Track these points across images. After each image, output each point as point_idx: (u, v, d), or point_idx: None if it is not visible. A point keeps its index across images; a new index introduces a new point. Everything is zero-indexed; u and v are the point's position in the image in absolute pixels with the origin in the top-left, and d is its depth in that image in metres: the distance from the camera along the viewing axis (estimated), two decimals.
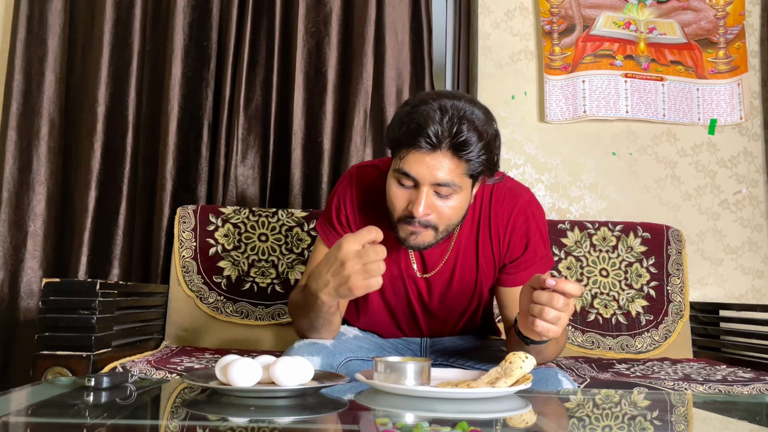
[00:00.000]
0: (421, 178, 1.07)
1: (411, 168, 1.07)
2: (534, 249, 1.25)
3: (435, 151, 1.05)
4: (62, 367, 1.38)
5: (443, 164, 1.06)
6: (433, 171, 1.06)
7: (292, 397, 0.94)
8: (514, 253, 1.25)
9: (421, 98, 1.09)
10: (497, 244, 1.25)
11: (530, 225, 1.25)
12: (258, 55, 2.17)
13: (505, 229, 1.24)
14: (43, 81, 2.12)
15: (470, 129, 1.04)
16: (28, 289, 2.06)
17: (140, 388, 1.05)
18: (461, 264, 1.27)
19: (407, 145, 1.07)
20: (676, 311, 2.02)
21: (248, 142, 2.15)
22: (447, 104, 1.05)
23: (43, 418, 0.88)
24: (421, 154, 1.06)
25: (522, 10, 2.35)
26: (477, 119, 1.06)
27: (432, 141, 1.04)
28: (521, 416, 0.93)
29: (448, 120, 1.04)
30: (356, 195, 1.28)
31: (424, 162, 1.06)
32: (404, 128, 1.06)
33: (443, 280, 1.28)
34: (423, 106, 1.06)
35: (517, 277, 1.26)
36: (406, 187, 1.11)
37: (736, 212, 2.31)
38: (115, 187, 2.10)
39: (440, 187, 1.08)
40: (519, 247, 1.25)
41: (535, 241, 1.25)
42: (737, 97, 2.32)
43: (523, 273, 1.25)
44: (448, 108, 1.05)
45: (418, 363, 0.98)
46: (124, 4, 2.15)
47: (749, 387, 1.47)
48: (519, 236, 1.24)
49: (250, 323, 1.92)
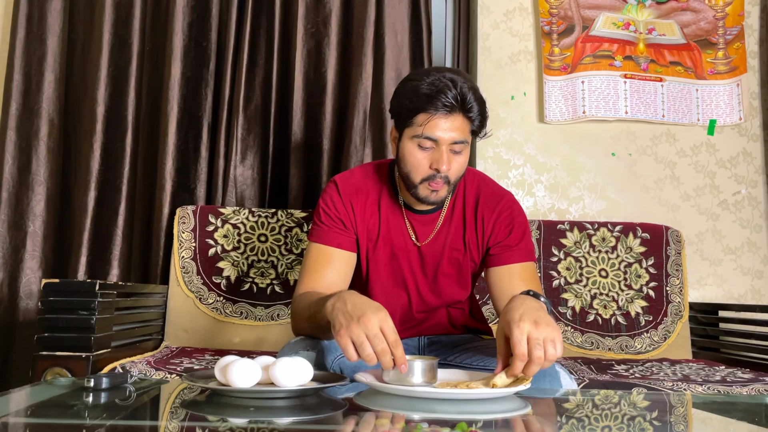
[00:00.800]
0: (442, 139, 1.23)
1: (432, 132, 1.22)
2: (517, 236, 1.35)
3: (451, 114, 1.22)
4: (61, 368, 1.38)
5: (458, 124, 1.23)
6: (451, 131, 1.23)
7: (291, 397, 0.94)
8: (498, 237, 1.36)
9: (421, 72, 1.26)
10: (481, 228, 1.37)
11: (514, 217, 1.37)
12: (257, 56, 2.17)
13: (491, 216, 1.36)
14: (42, 81, 2.12)
15: (473, 95, 1.23)
16: (28, 289, 2.06)
17: (139, 388, 1.05)
18: (451, 240, 1.37)
19: (426, 111, 1.22)
20: (675, 312, 2.02)
21: (248, 143, 2.15)
22: (448, 75, 1.23)
23: (43, 418, 0.88)
24: (440, 118, 1.22)
25: (521, 10, 2.35)
26: (475, 87, 1.25)
27: (451, 104, 1.21)
28: (520, 417, 0.93)
29: (459, 88, 1.21)
30: (344, 193, 1.37)
31: (443, 124, 1.22)
32: (423, 97, 1.21)
33: (435, 251, 1.37)
34: (428, 78, 1.22)
35: (503, 257, 1.35)
36: (427, 150, 1.25)
37: (735, 213, 2.31)
38: (115, 188, 2.10)
39: (455, 145, 1.24)
40: (503, 233, 1.36)
41: (518, 231, 1.36)
42: (736, 98, 2.32)
43: (508, 253, 1.34)
44: (453, 77, 1.22)
45: (426, 361, 1.01)
46: (124, 5, 2.15)
47: (748, 387, 1.47)
48: (503, 224, 1.36)
49: (249, 323, 1.92)
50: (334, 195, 1.37)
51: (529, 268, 1.35)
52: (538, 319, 0.99)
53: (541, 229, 2.08)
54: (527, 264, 1.35)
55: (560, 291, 2.02)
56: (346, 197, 1.36)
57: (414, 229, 1.37)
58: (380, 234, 1.37)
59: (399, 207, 1.38)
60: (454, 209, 1.38)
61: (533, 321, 0.98)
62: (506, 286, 1.32)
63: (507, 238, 1.35)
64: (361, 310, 1.01)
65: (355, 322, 1.00)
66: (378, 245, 1.37)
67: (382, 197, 1.38)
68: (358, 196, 1.37)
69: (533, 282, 1.33)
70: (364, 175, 1.41)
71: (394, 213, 1.37)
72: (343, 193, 1.37)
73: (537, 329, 0.98)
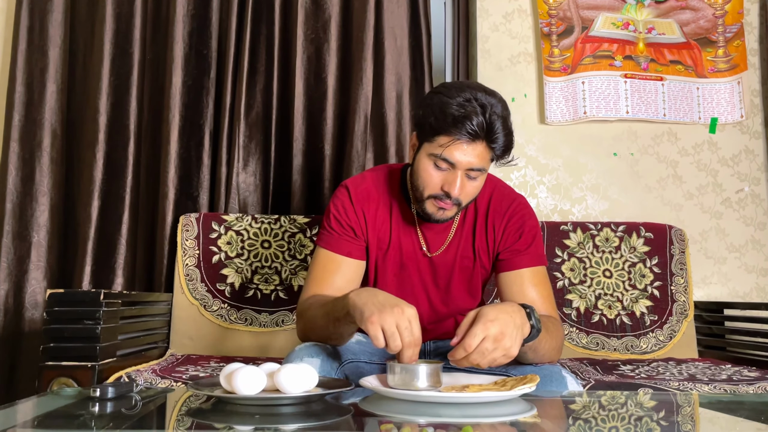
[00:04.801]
0: (459, 164, 1.20)
1: (452, 155, 1.19)
2: (527, 240, 1.33)
3: (474, 142, 1.18)
4: (67, 378, 1.38)
5: (479, 152, 1.19)
6: (470, 159, 1.19)
7: (296, 404, 0.94)
8: (507, 242, 1.34)
9: (454, 88, 1.21)
10: (492, 234, 1.35)
11: (525, 221, 1.35)
12: (258, 63, 2.18)
13: (501, 221, 1.35)
14: (44, 92, 2.13)
15: (501, 124, 1.19)
16: (33, 300, 2.06)
17: (145, 397, 1.06)
18: (462, 249, 1.36)
19: (449, 135, 1.18)
20: (680, 311, 2.01)
21: (249, 150, 2.16)
22: (481, 98, 1.18)
23: (49, 429, 0.89)
24: (462, 143, 1.18)
25: (520, 12, 2.35)
26: (505, 113, 1.21)
27: (475, 132, 1.17)
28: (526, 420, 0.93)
29: (488, 115, 1.17)
30: (356, 200, 1.35)
31: (463, 150, 1.19)
32: (450, 119, 1.17)
33: (446, 262, 1.36)
34: (459, 97, 1.18)
35: (513, 262, 1.33)
36: (442, 170, 1.22)
37: (738, 211, 2.31)
38: (118, 197, 2.11)
39: (473, 171, 1.22)
40: (513, 237, 1.34)
41: (528, 235, 1.34)
42: (737, 96, 2.32)
43: (518, 258, 1.33)
44: (484, 102, 1.18)
45: (431, 365, 1.01)
46: (124, 15, 2.16)
47: (755, 386, 1.47)
48: (513, 229, 1.34)
49: (254, 330, 1.92)
50: (346, 201, 1.35)
51: (539, 273, 1.33)
52: (504, 334, 1.01)
53: (544, 230, 2.08)
54: (537, 268, 1.32)
55: (564, 292, 2.02)
56: (357, 204, 1.34)
57: (426, 239, 1.35)
58: (391, 243, 1.35)
59: (411, 216, 1.35)
60: (465, 218, 1.37)
61: (500, 331, 1.01)
62: (517, 292, 1.31)
63: (516, 242, 1.33)
64: (395, 302, 1.04)
65: (388, 312, 1.02)
66: (388, 255, 1.35)
67: (394, 205, 1.36)
68: (370, 203, 1.35)
69: (543, 286, 1.32)
70: (376, 181, 1.38)
71: (406, 222, 1.35)
72: (355, 200, 1.34)
73: (495, 342, 1.00)
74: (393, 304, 1.03)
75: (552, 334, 1.19)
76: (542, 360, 1.20)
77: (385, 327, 1.01)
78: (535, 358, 1.18)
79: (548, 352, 1.19)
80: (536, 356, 1.17)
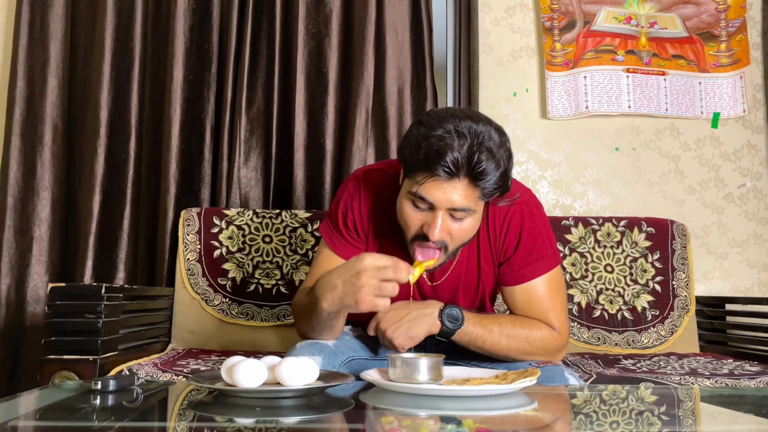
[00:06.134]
0: (438, 204, 1.08)
1: (428, 194, 1.07)
2: (526, 248, 1.24)
3: (452, 179, 1.05)
4: (69, 371, 1.38)
5: (460, 191, 1.07)
6: (450, 197, 1.07)
7: (297, 397, 0.94)
8: (507, 252, 1.26)
9: (437, 118, 1.08)
10: (494, 241, 1.26)
11: (525, 224, 1.24)
12: (259, 57, 2.18)
13: (501, 227, 1.25)
14: (45, 87, 2.13)
15: (488, 158, 1.04)
16: (35, 294, 2.07)
17: (147, 390, 1.06)
18: (465, 270, 1.28)
19: (425, 171, 1.06)
20: (681, 306, 2.01)
21: (251, 144, 2.16)
22: (464, 128, 1.04)
23: (51, 421, 0.89)
24: (439, 181, 1.06)
25: (522, 6, 2.34)
26: (493, 144, 1.06)
27: (450, 170, 1.04)
28: (527, 413, 0.93)
29: (467, 148, 1.03)
30: (364, 200, 1.28)
31: (441, 188, 1.06)
32: (422, 154, 1.05)
33: (450, 287, 1.30)
34: (439, 129, 1.05)
35: (516, 276, 1.26)
36: (421, 210, 1.11)
37: (740, 206, 2.30)
38: (119, 191, 2.11)
39: (456, 212, 1.09)
40: (512, 247, 1.25)
41: (527, 242, 1.24)
42: (740, 90, 2.31)
43: (519, 272, 1.25)
44: (466, 133, 1.04)
45: (432, 358, 1.01)
46: (125, 9, 2.16)
47: (756, 380, 1.47)
48: (512, 236, 1.25)
49: (255, 325, 1.92)
50: (355, 204, 1.27)
51: (544, 283, 1.25)
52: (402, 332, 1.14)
53: None
54: (542, 278, 1.24)
55: (566, 287, 2.02)
56: (367, 213, 1.28)
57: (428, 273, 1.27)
58: None
59: None
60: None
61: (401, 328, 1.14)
62: (520, 308, 1.25)
63: (515, 253, 1.24)
64: (350, 270, 1.05)
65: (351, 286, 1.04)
66: None
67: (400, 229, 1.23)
68: (380, 218, 1.27)
69: (550, 295, 1.24)
70: (389, 188, 1.26)
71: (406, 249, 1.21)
72: (365, 207, 1.28)
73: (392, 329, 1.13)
74: (352, 273, 1.04)
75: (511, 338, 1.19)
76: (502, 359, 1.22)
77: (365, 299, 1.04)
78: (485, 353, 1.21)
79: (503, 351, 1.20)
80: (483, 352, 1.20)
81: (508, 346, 1.20)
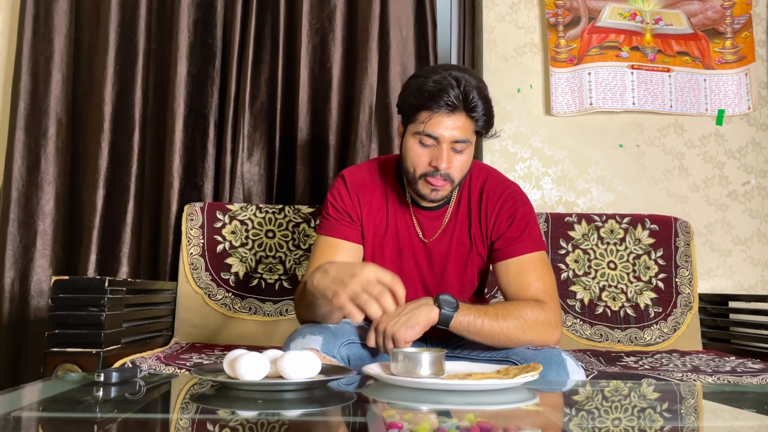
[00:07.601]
0: (442, 137, 1.24)
1: (434, 129, 1.24)
2: (519, 226, 1.35)
3: (454, 113, 1.23)
4: (72, 364, 1.39)
5: (459, 124, 1.24)
6: (452, 130, 1.24)
7: (299, 390, 0.94)
8: (500, 229, 1.36)
9: (430, 70, 1.27)
10: (485, 221, 1.37)
11: (517, 208, 1.36)
12: (263, 52, 2.18)
13: (494, 208, 1.36)
14: (49, 81, 2.13)
15: (478, 95, 1.24)
16: (38, 287, 2.07)
17: (149, 383, 1.06)
18: (458, 235, 1.38)
19: (429, 109, 1.23)
20: (684, 303, 2.01)
21: (254, 139, 2.16)
22: (457, 74, 1.24)
23: (54, 413, 0.89)
24: (442, 116, 1.23)
25: (527, 2, 2.34)
26: (480, 85, 1.26)
27: (453, 103, 1.22)
28: (529, 408, 0.93)
29: (463, 87, 1.22)
30: (351, 187, 1.39)
31: (444, 123, 1.24)
32: (426, 95, 1.23)
33: (442, 248, 1.38)
34: (436, 76, 1.24)
35: (508, 251, 1.34)
36: (428, 147, 1.27)
37: (744, 203, 2.30)
38: (123, 186, 2.11)
39: (457, 144, 1.26)
40: (505, 225, 1.36)
41: (521, 221, 1.35)
42: (745, 87, 2.30)
43: (512, 247, 1.34)
44: (458, 77, 1.23)
45: (434, 353, 1.01)
46: (129, 4, 2.16)
47: (758, 378, 1.46)
48: (505, 216, 1.36)
49: (258, 319, 1.93)
50: (342, 188, 1.39)
51: (534, 259, 1.33)
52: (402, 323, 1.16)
53: (549, 221, 2.07)
54: (533, 255, 1.33)
55: (569, 283, 2.02)
56: (353, 191, 1.38)
57: (421, 226, 1.38)
58: (387, 230, 1.38)
59: (406, 203, 1.39)
60: (459, 204, 1.39)
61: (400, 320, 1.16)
62: (513, 283, 1.32)
63: (509, 229, 1.34)
64: (350, 270, 1.07)
65: (347, 285, 1.05)
66: (385, 241, 1.38)
67: (389, 193, 1.40)
68: (365, 190, 1.39)
69: (540, 271, 1.32)
70: (372, 170, 1.42)
71: (401, 209, 1.39)
72: (351, 187, 1.39)
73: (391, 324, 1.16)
74: (349, 274, 1.06)
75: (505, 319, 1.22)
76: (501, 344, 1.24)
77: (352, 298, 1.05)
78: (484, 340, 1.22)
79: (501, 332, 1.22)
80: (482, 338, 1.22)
81: (506, 327, 1.22)
